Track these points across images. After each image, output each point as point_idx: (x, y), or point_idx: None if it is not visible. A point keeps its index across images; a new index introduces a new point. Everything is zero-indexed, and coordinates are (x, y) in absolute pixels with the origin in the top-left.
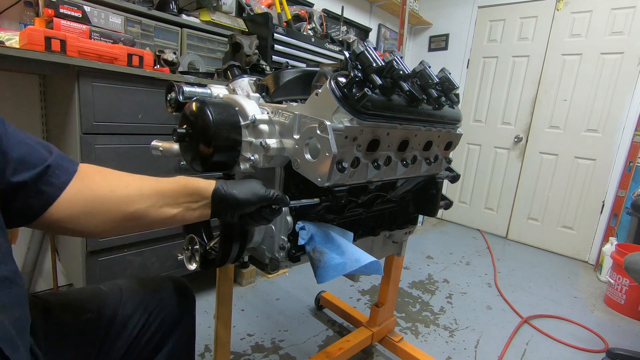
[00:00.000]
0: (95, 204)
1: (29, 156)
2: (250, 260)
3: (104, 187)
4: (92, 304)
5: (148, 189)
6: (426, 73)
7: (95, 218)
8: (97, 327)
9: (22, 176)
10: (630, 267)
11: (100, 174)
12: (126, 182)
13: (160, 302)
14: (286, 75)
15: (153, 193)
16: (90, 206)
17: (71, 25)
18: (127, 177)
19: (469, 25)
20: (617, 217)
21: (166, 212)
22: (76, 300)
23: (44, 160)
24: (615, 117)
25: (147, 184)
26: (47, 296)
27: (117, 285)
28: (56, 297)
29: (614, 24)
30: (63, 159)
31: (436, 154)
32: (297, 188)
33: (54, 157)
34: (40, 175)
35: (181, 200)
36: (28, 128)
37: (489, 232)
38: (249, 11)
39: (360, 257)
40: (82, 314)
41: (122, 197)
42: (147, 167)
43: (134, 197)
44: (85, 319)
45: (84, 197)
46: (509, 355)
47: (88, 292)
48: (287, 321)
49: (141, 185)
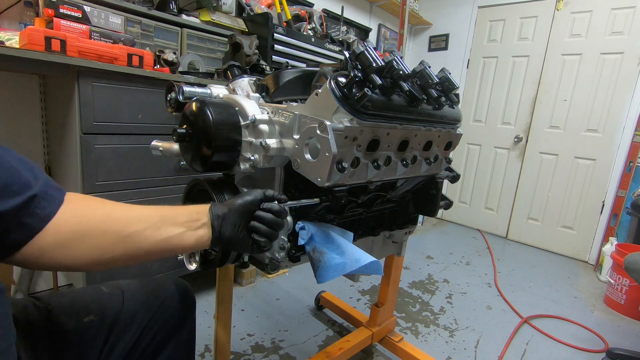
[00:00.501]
0: (89, 226)
1: (12, 182)
2: (250, 260)
3: (100, 209)
4: (94, 306)
5: (146, 210)
6: (426, 73)
7: (84, 243)
8: (99, 329)
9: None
10: (630, 267)
11: (92, 199)
12: (122, 205)
13: (162, 304)
14: (286, 75)
15: (152, 213)
16: (82, 230)
17: (71, 25)
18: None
19: (469, 25)
20: (617, 217)
21: (165, 233)
22: (78, 302)
23: (28, 187)
24: (615, 117)
25: (146, 208)
26: (49, 298)
27: (119, 286)
28: (58, 298)
29: (614, 24)
30: (50, 186)
31: (436, 154)
32: (297, 188)
33: (40, 184)
34: (24, 205)
35: (180, 220)
36: (28, 128)
37: (489, 232)
38: (249, 11)
39: (360, 257)
40: (85, 316)
41: (121, 219)
42: (147, 167)
43: (134, 218)
44: (88, 322)
45: (77, 221)
46: (509, 355)
47: (90, 293)
48: (287, 321)
49: (140, 208)
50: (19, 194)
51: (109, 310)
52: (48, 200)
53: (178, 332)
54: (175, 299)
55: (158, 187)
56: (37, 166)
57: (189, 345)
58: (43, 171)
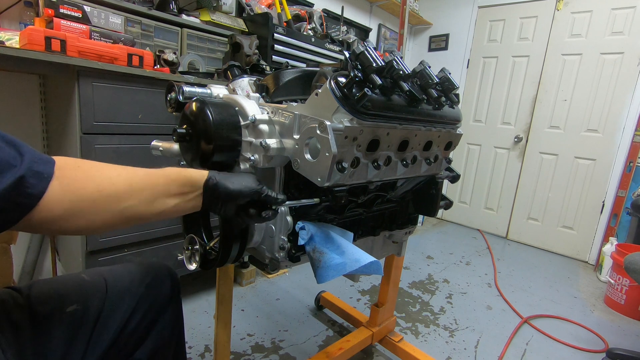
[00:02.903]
0: (81, 205)
1: None
2: (250, 260)
3: (88, 186)
4: (76, 295)
5: (138, 182)
6: (426, 73)
7: (83, 218)
8: (83, 318)
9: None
10: (630, 267)
11: (80, 170)
12: (111, 176)
13: (147, 288)
14: (286, 75)
15: (144, 186)
16: (76, 208)
17: (71, 25)
18: (110, 170)
19: (469, 25)
20: (617, 217)
21: (158, 206)
22: (60, 291)
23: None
24: (615, 117)
25: (137, 178)
26: (29, 289)
27: (100, 274)
28: (36, 287)
29: (614, 24)
30: (36, 162)
31: (436, 154)
32: (297, 188)
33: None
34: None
35: (173, 192)
36: (28, 128)
37: (489, 232)
38: (249, 11)
39: (360, 257)
40: (67, 305)
41: (111, 195)
42: (147, 167)
43: (123, 193)
44: (72, 311)
45: (68, 200)
46: (509, 355)
47: (71, 282)
48: (287, 321)
49: (130, 179)
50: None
51: (93, 299)
52: (37, 177)
53: (165, 313)
54: (159, 282)
55: None
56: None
57: (178, 325)
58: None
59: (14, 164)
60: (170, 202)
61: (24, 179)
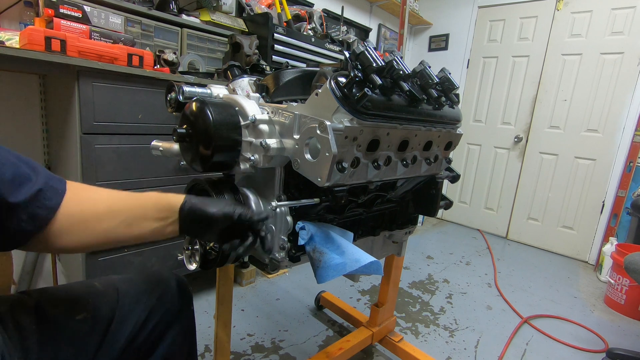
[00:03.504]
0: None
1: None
2: (250, 260)
3: (75, 205)
4: (87, 303)
5: (117, 205)
6: (426, 73)
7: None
8: (93, 326)
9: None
10: (630, 267)
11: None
12: (96, 199)
13: (159, 298)
14: (286, 75)
15: (122, 208)
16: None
17: (71, 25)
18: (99, 193)
19: (469, 25)
20: (617, 217)
21: (136, 229)
22: (69, 299)
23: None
24: (615, 117)
25: (118, 201)
26: (39, 294)
27: (112, 283)
28: (48, 293)
29: (614, 24)
30: (52, 178)
31: (436, 154)
32: (297, 188)
33: (43, 177)
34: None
35: (151, 216)
36: (28, 128)
37: (489, 232)
38: (249, 11)
39: (360, 257)
40: (77, 313)
41: (92, 215)
42: (147, 167)
43: (102, 214)
44: (81, 319)
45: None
46: (509, 355)
47: (81, 289)
48: (287, 321)
49: (111, 202)
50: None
51: (103, 308)
52: (53, 192)
53: (176, 325)
54: (171, 292)
55: (158, 187)
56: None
57: (189, 336)
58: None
59: (31, 178)
60: (149, 226)
61: (42, 191)
